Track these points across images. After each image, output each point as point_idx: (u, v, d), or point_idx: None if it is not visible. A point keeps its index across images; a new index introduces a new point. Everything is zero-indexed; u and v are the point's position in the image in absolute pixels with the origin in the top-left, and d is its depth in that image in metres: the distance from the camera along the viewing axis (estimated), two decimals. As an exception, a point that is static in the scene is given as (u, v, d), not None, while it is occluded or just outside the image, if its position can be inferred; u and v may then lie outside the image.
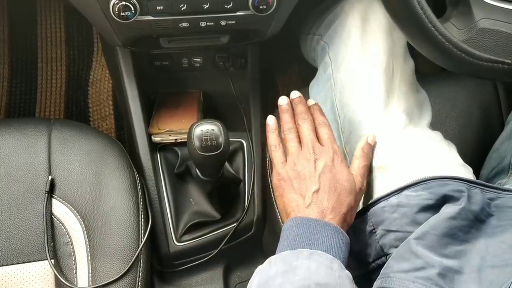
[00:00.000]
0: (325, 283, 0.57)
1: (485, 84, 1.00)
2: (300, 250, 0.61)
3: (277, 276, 0.59)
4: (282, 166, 0.71)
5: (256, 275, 0.62)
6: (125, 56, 1.02)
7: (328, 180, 0.68)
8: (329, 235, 0.64)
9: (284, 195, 0.70)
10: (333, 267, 0.60)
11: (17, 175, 0.84)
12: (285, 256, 0.61)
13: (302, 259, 0.60)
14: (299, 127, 0.75)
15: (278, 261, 0.61)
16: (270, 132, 0.75)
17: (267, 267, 0.62)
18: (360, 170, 0.73)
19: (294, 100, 0.79)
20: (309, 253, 0.61)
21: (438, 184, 0.68)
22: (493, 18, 0.65)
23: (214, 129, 0.78)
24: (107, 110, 1.42)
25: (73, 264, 0.81)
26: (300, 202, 0.68)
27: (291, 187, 0.69)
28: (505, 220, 0.64)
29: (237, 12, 0.82)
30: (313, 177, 0.69)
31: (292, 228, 0.65)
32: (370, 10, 0.88)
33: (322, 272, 0.58)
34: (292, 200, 0.68)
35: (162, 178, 1.02)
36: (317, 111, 0.78)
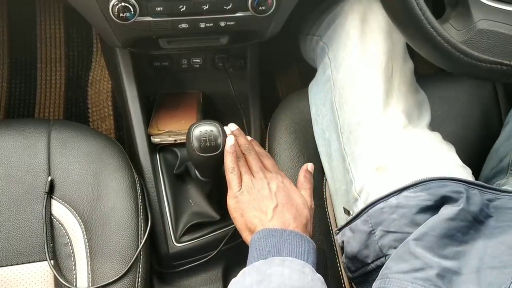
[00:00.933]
0: (299, 287, 0.59)
1: (484, 85, 1.00)
2: (271, 258, 0.63)
3: (252, 285, 0.60)
4: (238, 189, 0.73)
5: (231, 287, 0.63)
6: (124, 57, 1.02)
7: (283, 197, 0.72)
8: (297, 242, 0.66)
9: (244, 214, 0.72)
10: (305, 271, 0.61)
11: (17, 175, 0.84)
12: (258, 266, 0.63)
13: (275, 266, 0.62)
14: (245, 157, 0.78)
15: (252, 272, 0.63)
16: (229, 153, 0.77)
17: (241, 279, 0.63)
18: (307, 191, 0.76)
19: (234, 132, 0.82)
20: (280, 260, 0.62)
21: (437, 185, 0.68)
22: (491, 19, 0.66)
23: (213, 129, 0.79)
24: (107, 111, 1.42)
25: (73, 265, 0.81)
26: (263, 217, 0.70)
27: (251, 206, 0.72)
28: (504, 221, 0.64)
29: (237, 13, 0.82)
30: (270, 196, 0.72)
31: (260, 239, 0.67)
32: (369, 11, 0.88)
33: (296, 277, 0.60)
34: (254, 217, 0.71)
35: (161, 178, 1.01)
36: (257, 145, 0.82)
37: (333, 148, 0.85)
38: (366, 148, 0.79)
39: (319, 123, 0.90)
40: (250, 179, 0.74)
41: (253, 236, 0.69)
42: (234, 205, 0.73)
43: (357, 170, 0.79)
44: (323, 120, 0.89)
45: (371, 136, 0.79)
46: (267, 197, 0.72)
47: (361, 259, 0.72)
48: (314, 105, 0.93)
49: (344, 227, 0.77)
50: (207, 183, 0.92)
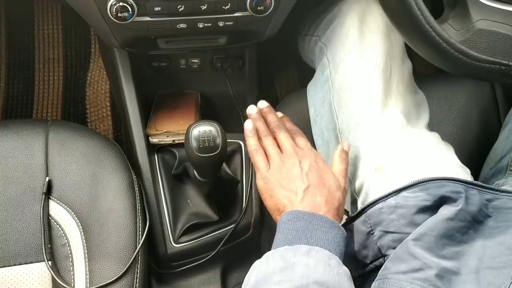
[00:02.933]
0: (323, 281, 0.57)
1: (483, 85, 1.00)
2: (298, 246, 0.61)
3: (275, 272, 0.58)
4: (267, 169, 0.72)
5: (253, 271, 0.61)
6: (122, 57, 1.01)
7: (316, 177, 0.69)
8: (326, 229, 0.64)
9: (273, 195, 0.70)
10: (331, 264, 0.59)
11: (14, 176, 0.84)
12: (283, 252, 0.61)
13: (300, 255, 0.60)
14: (275, 135, 0.76)
15: (276, 257, 0.61)
16: (249, 136, 0.75)
17: (264, 262, 0.61)
18: (342, 172, 0.74)
19: (264, 110, 0.80)
20: (307, 249, 0.60)
21: (435, 185, 0.68)
22: (490, 19, 0.66)
23: (212, 130, 0.78)
24: (105, 111, 1.42)
25: (70, 266, 0.80)
26: (293, 197, 0.68)
27: (280, 187, 0.69)
28: (503, 221, 0.64)
29: (235, 13, 0.82)
30: (301, 175, 0.69)
31: (288, 222, 0.65)
32: (368, 12, 0.88)
33: (321, 270, 0.58)
34: (284, 197, 0.68)
35: (159, 179, 1.01)
36: (289, 121, 0.80)
37: (331, 149, 0.85)
38: (365, 148, 0.79)
39: (317, 123, 0.90)
40: (279, 157, 0.72)
41: (281, 217, 0.66)
42: (263, 186, 0.71)
43: (356, 170, 0.79)
44: (322, 120, 0.89)
45: (369, 137, 0.79)
46: (298, 176, 0.69)
47: (360, 260, 0.72)
48: (313, 106, 0.93)
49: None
50: (206, 184, 0.92)
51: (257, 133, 0.77)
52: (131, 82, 1.02)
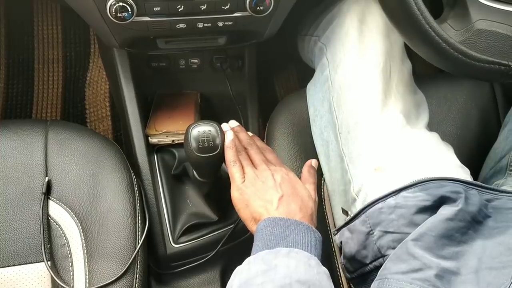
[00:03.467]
0: (305, 280, 0.58)
1: (482, 85, 1.00)
2: (277, 249, 0.63)
3: (258, 275, 0.60)
4: (242, 181, 0.74)
5: (236, 276, 0.62)
6: (122, 57, 1.01)
7: (289, 188, 0.72)
8: (302, 233, 0.66)
9: (249, 205, 0.72)
10: (311, 264, 0.61)
11: (14, 176, 0.84)
12: (264, 255, 0.62)
13: (281, 257, 0.61)
14: (247, 151, 0.78)
15: (257, 261, 0.62)
16: (229, 148, 0.77)
17: (246, 267, 0.62)
18: (311, 185, 0.77)
19: (235, 128, 0.82)
20: (287, 251, 0.62)
21: (435, 185, 0.68)
22: (490, 19, 0.66)
23: (211, 130, 0.78)
24: (104, 112, 1.42)
25: (70, 266, 0.80)
26: (269, 206, 0.70)
27: (255, 197, 0.72)
28: (503, 221, 0.64)
29: (235, 13, 0.82)
30: (275, 186, 0.72)
31: (266, 228, 0.66)
32: (367, 12, 0.88)
33: (302, 270, 0.59)
34: (260, 207, 0.70)
35: (159, 179, 1.01)
36: (259, 140, 0.83)
37: (331, 149, 0.85)
38: (365, 148, 0.79)
39: (317, 123, 0.90)
40: (253, 171, 0.74)
41: (258, 224, 0.68)
42: (238, 197, 0.73)
43: (356, 171, 0.79)
44: (321, 120, 0.89)
45: (369, 136, 0.79)
46: (272, 187, 0.72)
47: (359, 260, 0.72)
48: (312, 106, 0.92)
49: (342, 228, 0.77)
50: (206, 184, 0.91)
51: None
52: (131, 82, 1.02)
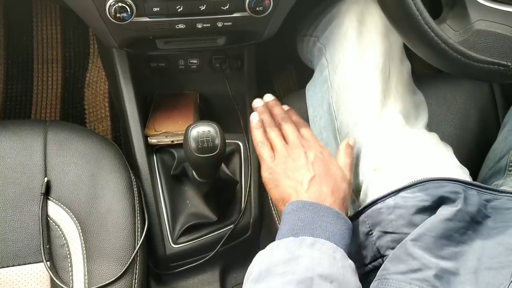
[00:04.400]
0: (328, 274, 0.56)
1: (481, 86, 1.00)
2: (302, 238, 0.60)
3: (279, 264, 0.58)
4: (272, 160, 0.72)
5: (257, 261, 0.61)
6: (121, 57, 1.01)
7: (321, 168, 0.70)
8: (331, 220, 0.63)
9: (279, 185, 0.70)
10: (336, 257, 0.59)
11: (13, 177, 0.84)
12: (288, 243, 0.60)
13: (305, 247, 0.59)
14: (281, 127, 0.77)
15: (281, 248, 0.60)
16: (255, 129, 0.76)
17: (268, 253, 0.61)
18: (347, 165, 0.74)
19: (270, 103, 0.81)
20: (312, 241, 0.60)
21: (434, 185, 0.68)
22: (489, 19, 0.66)
23: (211, 130, 0.78)
24: (103, 112, 1.42)
25: (69, 266, 0.80)
26: (299, 187, 0.67)
27: (285, 177, 0.70)
28: (502, 222, 0.64)
29: (234, 14, 0.82)
30: (307, 165, 0.70)
31: (293, 212, 0.64)
32: (366, 12, 0.88)
33: (325, 263, 0.58)
34: (289, 187, 0.68)
35: (158, 179, 1.01)
36: (295, 114, 0.80)
37: (330, 149, 0.85)
38: (364, 148, 0.79)
39: (316, 123, 0.90)
40: (284, 148, 0.72)
41: (286, 206, 0.66)
42: (268, 176, 0.71)
43: (355, 171, 0.79)
44: (320, 121, 0.89)
45: (368, 137, 0.79)
46: (304, 166, 0.69)
47: (358, 260, 0.72)
48: (311, 106, 0.93)
49: (341, 228, 0.77)
50: (205, 184, 0.92)
51: (263, 126, 0.78)
52: (130, 82, 1.02)
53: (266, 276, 0.57)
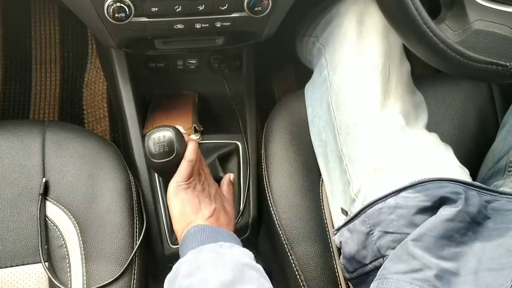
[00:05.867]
0: (251, 265, 0.65)
1: (480, 86, 1.00)
2: (220, 243, 0.69)
3: (208, 260, 0.65)
4: (188, 180, 0.79)
5: (183, 264, 0.67)
6: (119, 57, 1.01)
7: (220, 202, 0.82)
8: (231, 239, 0.73)
9: (185, 204, 0.77)
10: (251, 255, 0.69)
11: (11, 177, 0.83)
12: (209, 247, 0.68)
13: (225, 248, 0.68)
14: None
15: (204, 251, 0.67)
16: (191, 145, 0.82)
17: (193, 257, 0.67)
18: (231, 202, 0.86)
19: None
20: (229, 245, 0.69)
21: (435, 186, 0.68)
22: (487, 19, 0.66)
23: (166, 135, 0.79)
24: (102, 112, 1.42)
25: (67, 267, 0.80)
26: (202, 213, 0.77)
27: (193, 201, 0.78)
28: (502, 223, 0.64)
29: (232, 14, 0.82)
30: (210, 197, 0.81)
31: (197, 232, 0.72)
32: (366, 12, 0.88)
33: (246, 258, 0.67)
34: (193, 211, 0.77)
35: (157, 180, 1.01)
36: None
37: (329, 149, 0.85)
38: (364, 149, 0.79)
39: (315, 124, 0.90)
40: (197, 181, 0.81)
41: (188, 229, 0.74)
42: (176, 193, 0.78)
43: (355, 171, 0.79)
44: (320, 121, 0.89)
45: (368, 137, 0.79)
46: (208, 198, 0.80)
47: (359, 260, 0.72)
48: (311, 106, 0.92)
49: (342, 228, 0.77)
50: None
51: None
52: (128, 83, 1.02)
53: (198, 271, 0.64)
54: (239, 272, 0.62)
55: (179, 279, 0.65)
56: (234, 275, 0.62)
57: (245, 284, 0.61)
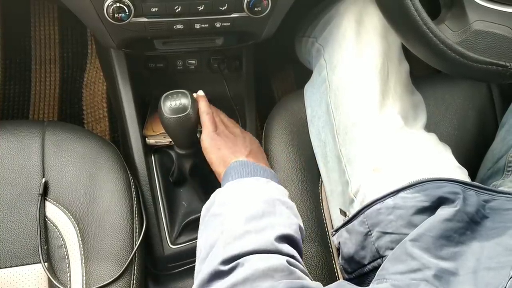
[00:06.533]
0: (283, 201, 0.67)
1: (479, 86, 1.00)
2: (257, 177, 0.70)
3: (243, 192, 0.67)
4: (215, 130, 0.82)
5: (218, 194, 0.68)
6: (119, 58, 1.01)
7: (256, 147, 0.83)
8: (269, 176, 0.74)
9: (221, 148, 0.79)
10: (286, 193, 0.71)
11: (10, 177, 0.83)
12: (247, 180, 0.70)
13: (262, 182, 0.70)
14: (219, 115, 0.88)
15: (241, 184, 0.69)
16: (202, 99, 0.85)
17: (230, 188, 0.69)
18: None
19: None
20: (266, 180, 0.70)
21: (433, 186, 0.68)
22: (487, 20, 0.66)
23: (180, 94, 0.84)
24: (101, 113, 1.42)
25: (67, 267, 0.80)
26: (239, 153, 0.78)
27: (227, 144, 0.80)
28: (500, 222, 0.64)
29: (232, 14, 0.82)
30: (244, 143, 0.82)
31: (239, 166, 0.74)
32: (365, 13, 0.88)
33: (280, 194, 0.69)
34: (232, 153, 0.78)
35: (156, 180, 1.01)
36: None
37: (328, 149, 0.85)
38: (362, 149, 0.79)
39: (314, 124, 0.90)
40: (224, 127, 0.84)
41: (233, 162, 0.75)
42: (210, 142, 0.80)
43: (353, 171, 0.79)
44: (319, 121, 0.89)
45: (367, 137, 0.79)
46: (242, 142, 0.81)
47: (357, 260, 0.72)
48: (310, 107, 0.92)
49: (340, 228, 0.77)
50: (188, 157, 0.91)
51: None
52: (128, 83, 1.02)
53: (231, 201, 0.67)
54: (270, 206, 0.64)
55: (214, 206, 0.67)
56: (264, 208, 0.63)
57: (274, 217, 0.63)
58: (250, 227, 0.61)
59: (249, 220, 0.62)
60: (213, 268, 0.57)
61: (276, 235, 0.60)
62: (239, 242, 0.59)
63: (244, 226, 0.61)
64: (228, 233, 0.61)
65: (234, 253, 0.57)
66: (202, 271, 0.59)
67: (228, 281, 0.55)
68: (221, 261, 0.57)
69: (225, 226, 0.62)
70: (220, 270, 0.57)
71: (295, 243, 0.63)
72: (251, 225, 0.61)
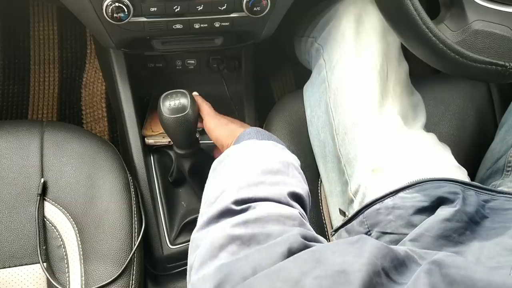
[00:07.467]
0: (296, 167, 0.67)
1: (478, 86, 1.01)
2: (273, 142, 0.70)
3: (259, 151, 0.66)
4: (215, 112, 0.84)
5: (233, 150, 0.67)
6: (118, 58, 1.01)
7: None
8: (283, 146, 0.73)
9: (229, 125, 0.80)
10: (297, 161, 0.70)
11: (9, 177, 0.83)
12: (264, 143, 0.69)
13: (278, 147, 0.69)
14: None
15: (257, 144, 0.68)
16: (197, 94, 0.88)
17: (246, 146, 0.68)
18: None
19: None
20: (281, 146, 0.70)
21: (433, 186, 0.68)
22: (486, 20, 0.66)
23: (179, 93, 0.84)
24: (100, 113, 1.42)
25: (66, 268, 0.80)
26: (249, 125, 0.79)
27: (233, 120, 0.82)
28: (500, 222, 0.64)
29: (231, 14, 0.82)
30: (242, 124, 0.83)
31: (252, 132, 0.73)
32: (364, 13, 0.88)
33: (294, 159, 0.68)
34: (240, 125, 0.80)
35: (155, 180, 1.01)
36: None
37: (328, 149, 0.85)
38: (362, 149, 0.79)
39: (314, 124, 0.90)
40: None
41: (247, 129, 0.75)
42: (215, 121, 0.82)
43: (353, 171, 0.79)
44: (318, 121, 0.89)
45: (366, 137, 0.79)
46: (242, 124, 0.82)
47: (357, 261, 0.72)
48: (309, 107, 0.92)
49: (340, 228, 0.77)
50: (187, 157, 0.91)
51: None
52: (127, 83, 1.02)
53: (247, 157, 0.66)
54: (284, 167, 0.64)
55: (228, 158, 0.66)
56: (279, 167, 0.63)
57: (287, 177, 0.63)
58: (265, 179, 0.60)
59: (265, 173, 0.61)
60: (224, 205, 0.56)
61: (289, 191, 0.60)
62: (253, 188, 0.58)
63: (259, 177, 0.60)
64: (243, 179, 0.60)
65: (247, 196, 0.57)
66: (211, 209, 0.57)
67: (239, 218, 0.54)
68: (234, 201, 0.56)
69: (239, 174, 0.61)
70: (231, 208, 0.56)
71: (304, 205, 0.63)
72: (266, 177, 0.61)
